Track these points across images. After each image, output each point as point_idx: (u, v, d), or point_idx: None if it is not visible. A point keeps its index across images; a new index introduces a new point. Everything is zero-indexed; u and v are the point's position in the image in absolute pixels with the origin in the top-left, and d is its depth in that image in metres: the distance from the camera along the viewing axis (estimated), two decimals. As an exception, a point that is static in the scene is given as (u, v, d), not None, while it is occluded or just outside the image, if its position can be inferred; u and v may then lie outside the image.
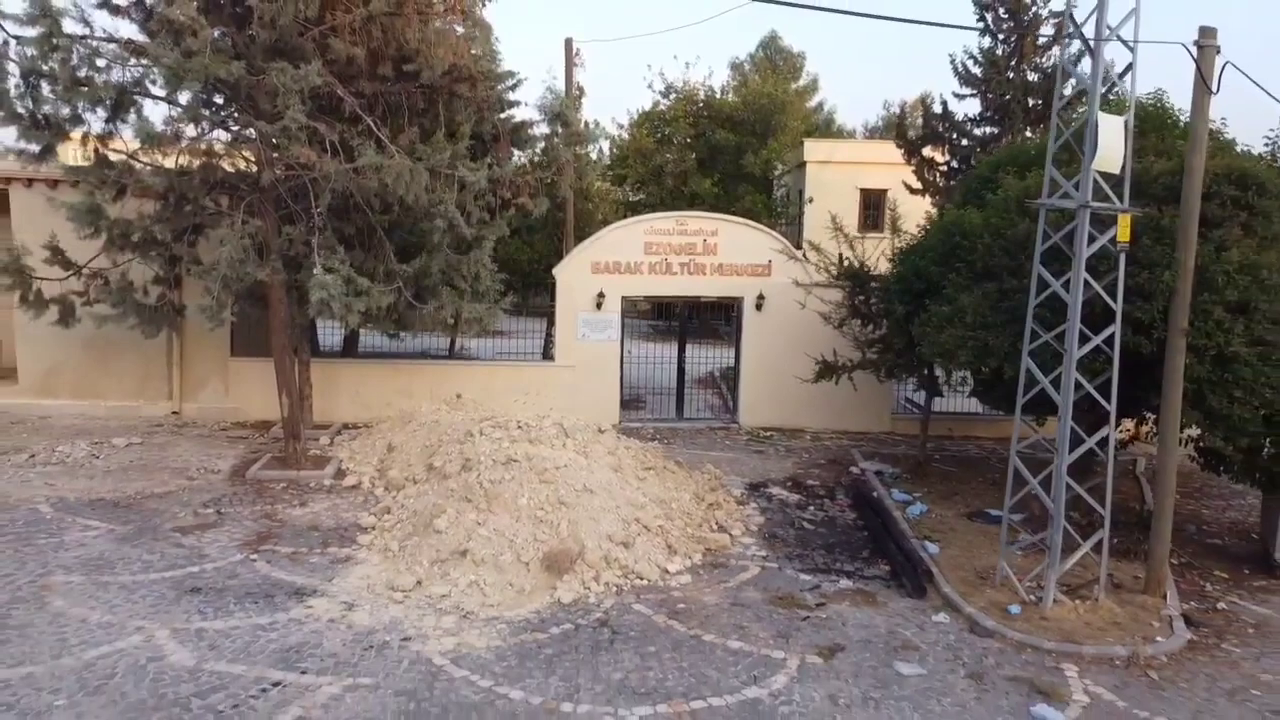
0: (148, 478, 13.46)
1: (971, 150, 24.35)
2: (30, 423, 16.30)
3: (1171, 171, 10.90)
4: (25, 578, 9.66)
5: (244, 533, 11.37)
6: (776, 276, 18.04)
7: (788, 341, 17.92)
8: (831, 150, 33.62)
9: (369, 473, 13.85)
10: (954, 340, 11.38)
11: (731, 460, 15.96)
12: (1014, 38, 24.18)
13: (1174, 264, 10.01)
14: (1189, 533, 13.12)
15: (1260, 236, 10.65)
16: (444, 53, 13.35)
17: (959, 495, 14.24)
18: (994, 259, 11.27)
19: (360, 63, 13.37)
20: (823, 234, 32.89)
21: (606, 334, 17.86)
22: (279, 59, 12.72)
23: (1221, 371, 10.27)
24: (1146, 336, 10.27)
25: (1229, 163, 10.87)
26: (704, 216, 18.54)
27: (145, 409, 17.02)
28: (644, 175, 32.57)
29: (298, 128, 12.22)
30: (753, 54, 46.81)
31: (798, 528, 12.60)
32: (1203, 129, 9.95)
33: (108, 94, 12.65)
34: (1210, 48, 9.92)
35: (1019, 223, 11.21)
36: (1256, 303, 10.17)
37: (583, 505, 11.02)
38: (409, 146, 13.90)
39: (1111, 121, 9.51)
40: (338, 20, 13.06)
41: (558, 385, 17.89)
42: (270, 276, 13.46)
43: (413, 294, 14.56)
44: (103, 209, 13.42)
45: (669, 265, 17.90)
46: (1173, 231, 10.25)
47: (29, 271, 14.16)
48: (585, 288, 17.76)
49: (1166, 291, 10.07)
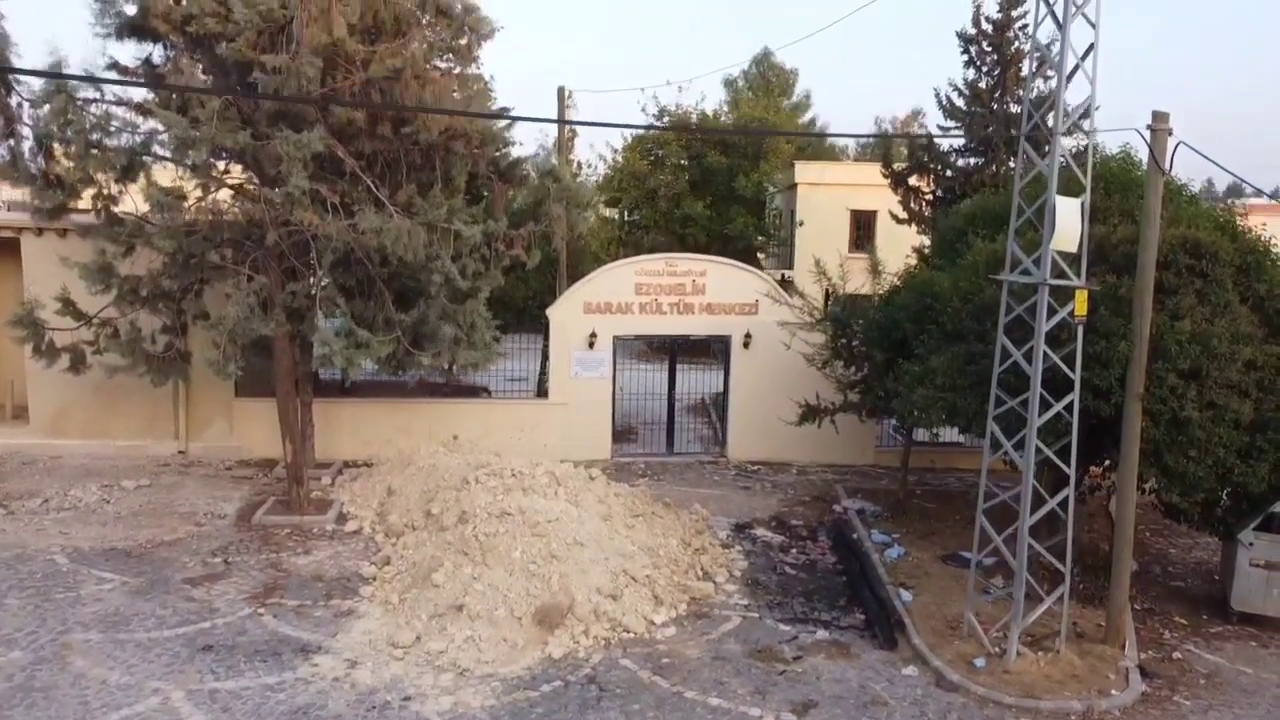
0: (157, 524, 14.03)
1: (956, 181, 24.93)
2: (42, 463, 16.87)
3: (1130, 240, 11.49)
4: (47, 635, 10.25)
5: (251, 584, 11.95)
6: (764, 315, 18.62)
7: (775, 378, 18.51)
8: (822, 172, 34.22)
9: (369, 517, 14.43)
10: (925, 400, 11.99)
11: (719, 498, 16.56)
12: (998, 70, 24.82)
13: (1129, 334, 10.60)
14: (1154, 574, 13.74)
15: (1214, 304, 11.23)
16: (442, 118, 13.90)
17: (936, 535, 14.84)
18: (962, 323, 11.88)
19: (360, 123, 13.96)
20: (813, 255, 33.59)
21: (599, 371, 18.46)
22: (282, 122, 13.31)
23: (1176, 433, 10.87)
24: (1105, 401, 10.87)
25: (1184, 233, 11.45)
26: (693, 258, 19.14)
27: (152, 448, 17.59)
28: (638, 198, 33.15)
29: (301, 193, 12.80)
30: (746, 71, 47.33)
31: (779, 572, 13.20)
32: (1156, 206, 10.54)
33: (119, 159, 13.23)
34: (1162, 131, 10.54)
35: (986, 288, 11.80)
36: (1207, 369, 10.76)
37: (573, 558, 11.61)
38: (406, 202, 14.51)
39: (1069, 204, 10.12)
40: (338, 85, 13.62)
41: (552, 422, 18.48)
42: (275, 330, 14.02)
43: (410, 340, 15.15)
44: (113, 267, 13.99)
45: (659, 305, 18.49)
46: (1130, 301, 10.85)
47: (42, 324, 14.71)
48: (578, 327, 18.35)
49: (1123, 360, 10.67)
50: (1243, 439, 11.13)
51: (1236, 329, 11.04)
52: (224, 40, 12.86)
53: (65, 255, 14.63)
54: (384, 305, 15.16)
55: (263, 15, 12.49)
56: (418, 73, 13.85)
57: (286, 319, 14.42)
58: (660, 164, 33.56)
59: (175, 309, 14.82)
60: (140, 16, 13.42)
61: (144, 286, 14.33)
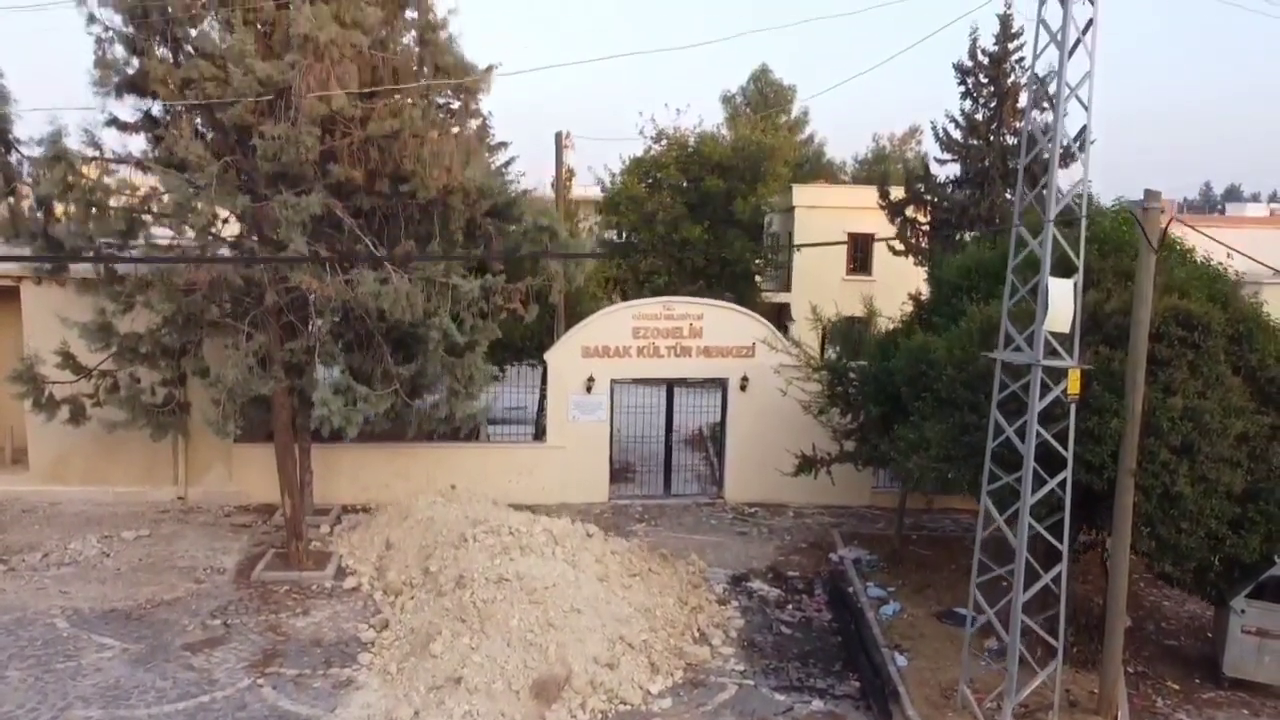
0: (157, 580, 14.11)
1: (953, 214, 25.03)
2: (41, 510, 16.94)
3: (1124, 310, 11.56)
4: (48, 713, 10.34)
5: (250, 650, 12.03)
6: (760, 358, 18.70)
7: (771, 420, 18.59)
8: (820, 196, 34.38)
9: (368, 572, 14.51)
10: (919, 468, 12.08)
11: (716, 545, 16.65)
12: (994, 103, 24.92)
13: (1123, 410, 10.69)
14: (1147, 631, 13.83)
15: (1206, 376, 11.31)
16: (439, 174, 13.97)
17: (932, 588, 14.92)
18: (956, 392, 11.96)
19: (358, 180, 14.03)
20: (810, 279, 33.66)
21: (596, 415, 18.54)
22: (281, 183, 13.38)
23: (1169, 507, 10.95)
24: (1098, 475, 10.94)
25: (1176, 304, 11.53)
26: (689, 301, 19.24)
27: (152, 494, 17.66)
28: (635, 221, 33.22)
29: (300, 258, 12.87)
30: (744, 87, 47.43)
31: (775, 632, 13.29)
32: (1148, 286, 10.63)
33: (118, 223, 13.29)
34: (1154, 209, 10.63)
35: (980, 356, 11.88)
36: (1199, 445, 10.84)
37: (570, 626, 11.69)
38: (404, 257, 14.59)
39: (1061, 285, 10.21)
40: (337, 144, 13.69)
41: (550, 465, 18.57)
42: (274, 388, 14.10)
43: (408, 391, 15.23)
44: (113, 326, 14.06)
45: (656, 349, 18.57)
46: (1123, 375, 10.93)
47: (42, 379, 14.78)
48: (576, 372, 18.43)
49: (1116, 436, 10.75)
50: (1234, 510, 11.21)
51: (1229, 403, 11.12)
52: (223, 104, 12.93)
53: (66, 304, 14.73)
54: (382, 358, 15.24)
55: (261, 81, 12.55)
56: (415, 131, 13.94)
57: (285, 374, 14.51)
58: (658, 187, 33.62)
59: (175, 364, 14.89)
60: (140, 78, 13.49)
61: (144, 344, 14.39)
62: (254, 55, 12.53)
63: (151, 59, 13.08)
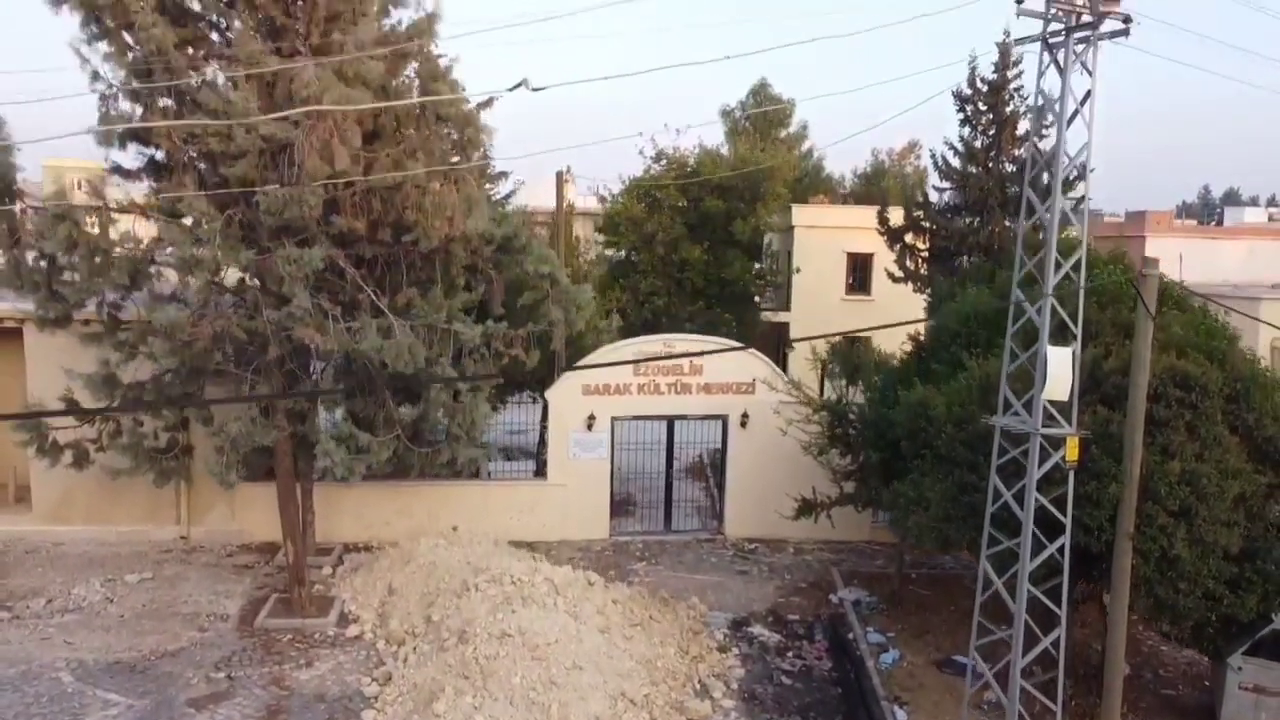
0: (161, 628, 14.18)
1: (952, 241, 25.10)
2: (45, 551, 17.02)
3: (1121, 371, 11.65)
4: (54, 778, 10.40)
5: (254, 705, 12.11)
6: (760, 394, 18.78)
7: (772, 456, 18.66)
8: (819, 215, 34.50)
9: (370, 619, 14.59)
10: (919, 527, 12.18)
11: (716, 585, 16.74)
12: (993, 130, 24.99)
13: (1121, 474, 10.77)
14: (1145, 680, 13.92)
15: (1203, 438, 11.39)
16: (441, 225, 14.04)
17: (931, 633, 15.00)
18: (955, 451, 12.04)
19: (361, 230, 14.11)
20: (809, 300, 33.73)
21: (597, 452, 18.63)
22: (285, 235, 13.46)
23: (1166, 569, 11.04)
24: (1096, 538, 11.04)
25: (1173, 364, 11.61)
26: (690, 339, 19.38)
27: (154, 533, 17.74)
28: (635, 242, 33.25)
29: (303, 312, 12.96)
30: (743, 101, 47.47)
31: (776, 682, 13.38)
32: (1146, 351, 10.70)
33: (121, 277, 13.36)
34: (1152, 276, 10.72)
35: (980, 414, 11.96)
36: (1197, 509, 10.93)
37: (573, 684, 11.78)
38: (406, 304, 14.69)
39: (1060, 354, 10.30)
40: (339, 194, 13.76)
41: (550, 502, 18.65)
42: (276, 438, 14.17)
43: (410, 436, 15.30)
44: (116, 378, 14.12)
45: (657, 386, 18.66)
46: (1121, 438, 11.02)
47: (45, 425, 14.84)
48: (577, 410, 18.52)
49: (1114, 500, 10.84)
50: (1231, 569, 11.31)
51: (1226, 465, 11.21)
52: (227, 158, 12.99)
53: (69, 349, 14.78)
54: (384, 402, 15.32)
55: (265, 138, 12.63)
56: (418, 182, 14.01)
57: (287, 421, 14.59)
58: (658, 207, 33.64)
59: (178, 410, 14.95)
60: (143, 130, 13.56)
61: (147, 393, 14.46)
62: (257, 112, 12.60)
63: (155, 114, 13.15)
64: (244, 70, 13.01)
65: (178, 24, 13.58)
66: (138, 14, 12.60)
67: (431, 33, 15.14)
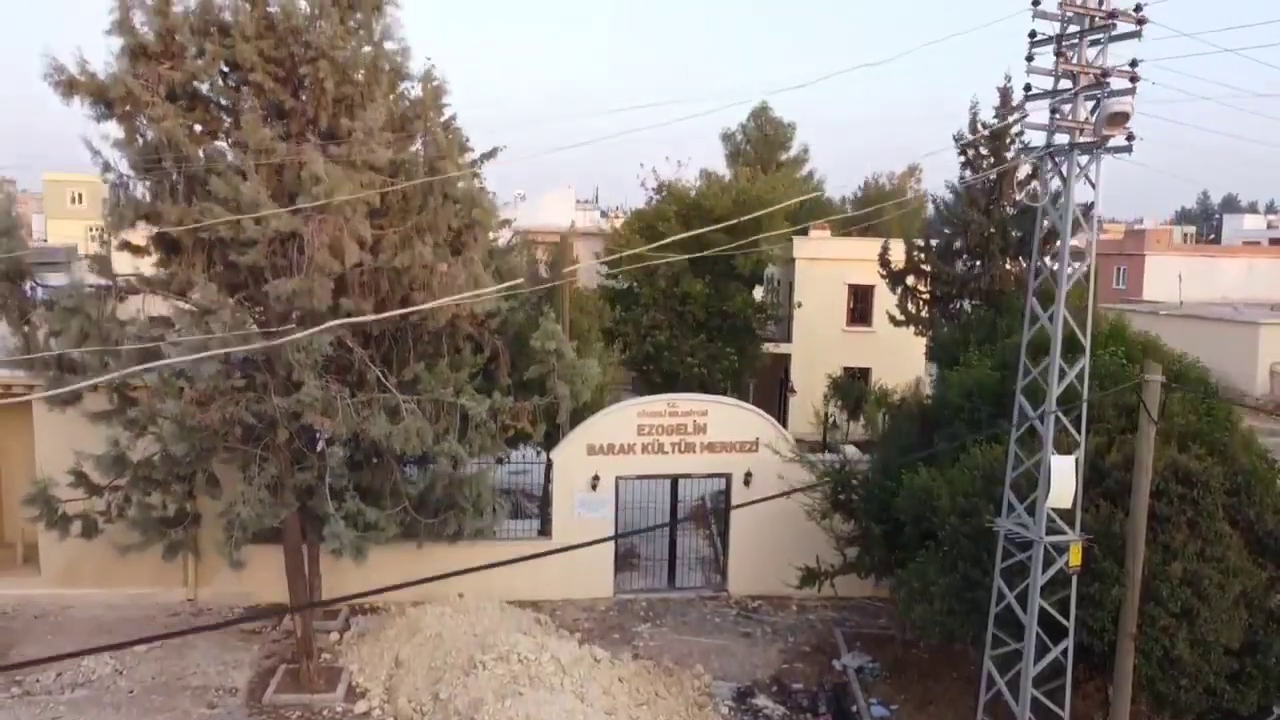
0: (170, 705, 14.30)
1: (953, 285, 25.21)
2: (54, 616, 17.12)
3: (1124, 466, 11.78)
4: None
5: (265, 795, 12.22)
6: (764, 452, 18.90)
7: (775, 514, 18.72)
8: (820, 248, 34.62)
9: (378, 693, 14.70)
10: (923, 618, 12.30)
11: (720, 649, 16.86)
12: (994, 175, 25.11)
13: (1123, 577, 10.90)
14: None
15: (1205, 536, 11.52)
16: (448, 306, 14.16)
17: (934, 704, 15.11)
18: (959, 544, 12.17)
19: (368, 310, 14.21)
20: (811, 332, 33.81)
21: (601, 512, 18.74)
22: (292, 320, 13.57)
23: (1168, 667, 11.17)
24: (1099, 639, 11.17)
25: (1175, 459, 11.73)
26: (694, 398, 19.46)
27: (162, 596, 17.85)
28: (637, 275, 33.37)
29: (312, 399, 13.07)
30: (744, 124, 47.61)
31: (781, 762, 13.51)
32: (1148, 457, 10.84)
33: (131, 362, 13.45)
34: (1155, 383, 10.84)
35: (984, 510, 12.05)
36: (1199, 610, 11.06)
37: (580, 775, 11.90)
38: (413, 380, 14.81)
39: (1064, 462, 10.43)
40: (348, 273, 13.86)
41: (555, 561, 18.64)
42: (284, 516, 14.29)
43: (416, 506, 15.42)
44: (126, 457, 14.22)
45: (661, 445, 18.78)
46: (1123, 538, 11.15)
47: (55, 500, 14.95)
48: (581, 470, 18.64)
49: (1116, 602, 10.97)
50: (1232, 664, 11.45)
51: (1228, 563, 11.34)
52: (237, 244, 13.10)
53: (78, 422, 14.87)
54: (391, 474, 15.45)
55: (275, 230, 12.73)
56: (425, 263, 14.12)
57: (295, 497, 14.71)
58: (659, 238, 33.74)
59: (186, 487, 15.07)
60: (153, 215, 13.68)
61: (157, 471, 14.56)
62: (268, 202, 12.70)
63: (165, 202, 13.25)
64: (253, 157, 13.13)
65: (187, 108, 13.73)
66: (149, 106, 12.73)
67: (437, 105, 15.33)
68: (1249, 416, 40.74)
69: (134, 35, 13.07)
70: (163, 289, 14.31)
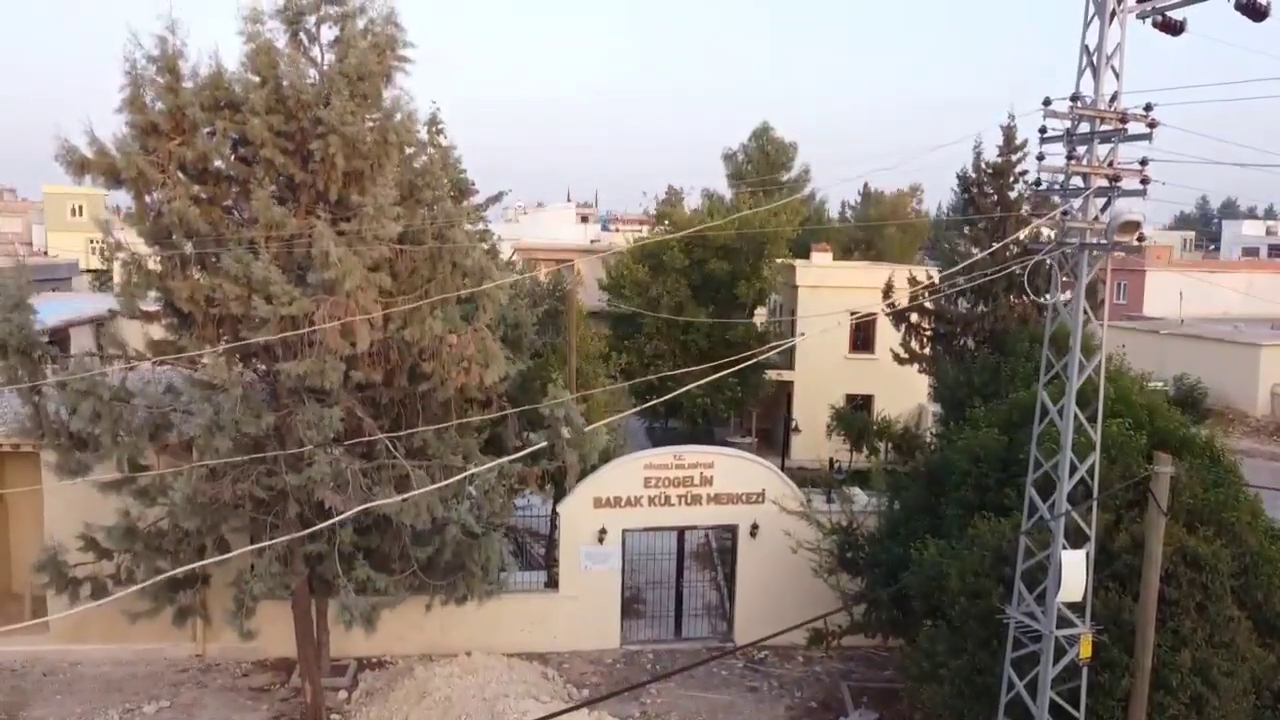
0: (181, 773, 14.35)
1: (956, 325, 25.31)
2: (63, 673, 17.18)
3: (1132, 550, 11.84)
4: None
5: None
6: (770, 505, 18.97)
7: (782, 565, 18.85)
8: (822, 275, 34.70)
9: (388, 761, 14.77)
10: (932, 698, 12.36)
11: (727, 706, 16.94)
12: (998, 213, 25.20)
13: (1132, 667, 10.97)
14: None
15: (1214, 620, 11.59)
16: (458, 375, 14.22)
17: (941, 767, 15.19)
18: (969, 625, 12.23)
19: (378, 380, 14.28)
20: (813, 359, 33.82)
21: (608, 565, 18.81)
22: (304, 393, 13.62)
23: (1176, 754, 11.25)
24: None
25: (1184, 543, 11.79)
26: (700, 450, 19.52)
27: (170, 651, 17.90)
28: (641, 304, 33.45)
29: (322, 476, 13.12)
30: (745, 144, 47.67)
31: (790, 836, 13.57)
32: (1158, 549, 10.89)
33: (143, 439, 13.53)
34: (1164, 474, 10.90)
35: (993, 590, 12.11)
36: (1208, 698, 11.13)
37: None
38: (421, 446, 14.87)
39: (1073, 557, 10.50)
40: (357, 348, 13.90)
41: (562, 614, 18.83)
42: (294, 586, 14.35)
43: (424, 568, 15.48)
44: (137, 529, 14.28)
45: (667, 498, 18.84)
46: (1132, 626, 11.21)
47: (65, 565, 15.00)
48: (588, 523, 18.69)
49: (1125, 691, 11.04)
50: (1241, 747, 11.53)
51: (1236, 649, 11.41)
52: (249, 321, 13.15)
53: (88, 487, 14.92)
54: (400, 539, 15.49)
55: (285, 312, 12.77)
56: (435, 334, 14.17)
57: (304, 563, 14.77)
58: (661, 269, 33.85)
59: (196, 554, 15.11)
60: (164, 290, 13.72)
61: (167, 541, 14.61)
62: (279, 280, 12.73)
63: (176, 280, 13.29)
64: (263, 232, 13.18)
65: (198, 181, 13.78)
66: (161, 187, 12.77)
67: (447, 168, 15.38)
68: (1249, 438, 40.78)
69: (144, 113, 13.10)
70: (173, 354, 14.35)
